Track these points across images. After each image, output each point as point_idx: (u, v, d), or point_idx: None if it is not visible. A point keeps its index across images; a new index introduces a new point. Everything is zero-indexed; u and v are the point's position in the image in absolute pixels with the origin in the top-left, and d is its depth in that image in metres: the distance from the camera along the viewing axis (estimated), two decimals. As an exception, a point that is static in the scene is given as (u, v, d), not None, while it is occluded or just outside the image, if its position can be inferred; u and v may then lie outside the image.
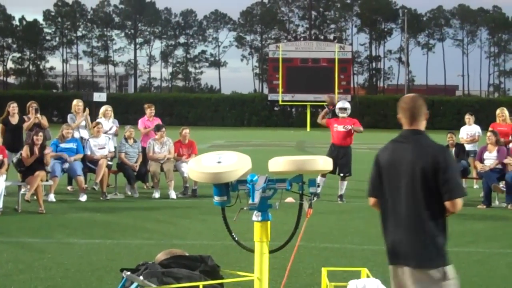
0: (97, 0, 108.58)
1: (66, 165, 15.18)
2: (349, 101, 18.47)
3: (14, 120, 15.79)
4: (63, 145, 15.42)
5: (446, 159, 4.75)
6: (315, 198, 5.60)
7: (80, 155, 15.47)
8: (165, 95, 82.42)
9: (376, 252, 9.88)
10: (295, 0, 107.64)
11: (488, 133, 15.58)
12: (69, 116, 17.23)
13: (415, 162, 4.74)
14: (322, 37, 76.85)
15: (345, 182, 15.46)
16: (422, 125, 4.98)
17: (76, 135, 16.36)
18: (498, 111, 17.33)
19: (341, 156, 15.27)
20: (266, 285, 5.70)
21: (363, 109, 72.65)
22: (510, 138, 16.47)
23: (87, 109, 17.24)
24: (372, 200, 5.11)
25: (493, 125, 17.24)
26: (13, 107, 15.86)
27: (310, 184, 5.68)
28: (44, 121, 16.16)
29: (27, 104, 16.32)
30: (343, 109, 15.94)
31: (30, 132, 15.69)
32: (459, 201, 4.67)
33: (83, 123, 17.00)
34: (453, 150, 15.72)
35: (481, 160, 15.31)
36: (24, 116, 16.00)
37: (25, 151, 14.21)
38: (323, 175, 15.05)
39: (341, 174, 15.35)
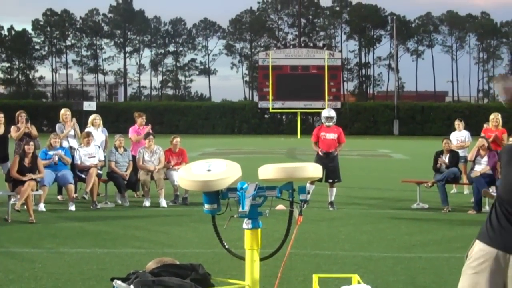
0: (86, 9, 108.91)
1: (58, 173, 15.16)
2: (334, 109, 18.51)
3: (0, 130, 15.70)
4: (51, 152, 15.40)
5: None
6: (305, 205, 5.60)
7: (68, 159, 15.48)
8: (155, 104, 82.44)
9: (367, 259, 9.89)
10: (284, 8, 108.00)
11: (480, 139, 15.60)
12: (57, 125, 17.18)
13: None
14: (311, 44, 76.78)
15: (334, 189, 15.45)
16: None
17: (65, 144, 16.32)
18: (492, 116, 17.34)
19: (330, 163, 15.29)
20: (257, 292, 5.69)
21: (353, 116, 72.85)
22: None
23: (74, 118, 17.21)
24: None
25: (484, 130, 17.28)
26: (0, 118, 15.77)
27: (300, 191, 5.69)
28: (34, 130, 16.11)
29: (16, 113, 16.23)
30: (329, 118, 15.99)
31: (20, 142, 15.64)
32: None
33: (72, 132, 16.96)
34: (447, 156, 15.73)
35: (474, 162, 15.37)
36: (13, 126, 15.91)
37: (15, 161, 14.15)
38: (312, 182, 15.06)
39: (330, 181, 15.35)
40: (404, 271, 9.09)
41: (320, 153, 15.60)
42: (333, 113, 16.23)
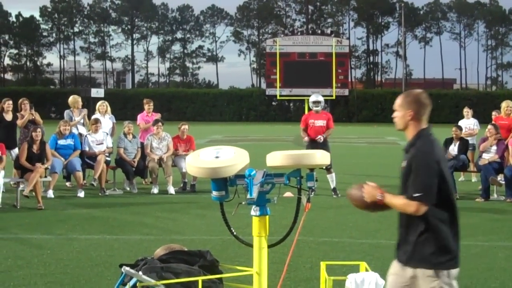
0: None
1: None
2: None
3: (9, 117, 15.74)
4: (61, 142, 15.41)
5: None
6: (312, 193, 5.61)
7: (77, 152, 15.47)
8: (163, 91, 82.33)
9: (374, 246, 9.91)
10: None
11: (489, 126, 15.54)
12: (66, 112, 17.24)
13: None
14: (319, 32, 76.41)
15: (333, 174, 15.37)
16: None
17: (74, 131, 16.35)
18: (504, 104, 17.13)
19: (321, 149, 15.17)
20: (265, 279, 5.71)
21: (360, 103, 72.74)
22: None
23: (85, 110, 17.28)
24: (426, 209, 4.55)
25: (496, 118, 17.18)
26: (8, 104, 15.81)
27: (308, 179, 5.69)
28: (37, 117, 16.17)
29: (19, 101, 16.20)
30: (317, 103, 15.88)
31: (24, 129, 15.70)
32: None
33: (79, 118, 17.02)
34: (457, 144, 15.68)
35: (481, 151, 15.33)
36: (17, 113, 15.93)
37: (23, 148, 14.19)
38: (329, 172, 15.09)
39: (324, 168, 15.22)
40: (412, 258, 9.09)
41: (305, 141, 15.51)
42: (320, 98, 16.10)
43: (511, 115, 16.81)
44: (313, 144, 15.28)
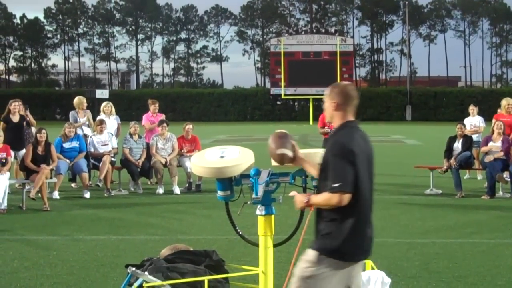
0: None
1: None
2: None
3: (16, 118, 15.79)
4: (66, 145, 15.41)
5: None
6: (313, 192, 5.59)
7: (82, 154, 15.47)
8: (167, 91, 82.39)
9: (380, 244, 9.89)
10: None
11: (498, 123, 15.53)
12: (70, 113, 17.28)
13: (371, 152, 4.83)
14: (323, 30, 76.76)
15: None
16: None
17: (79, 131, 16.38)
18: (504, 102, 17.21)
19: None
20: (271, 279, 5.71)
21: (365, 102, 72.60)
22: None
23: (87, 114, 17.29)
24: (349, 197, 4.52)
25: (496, 115, 17.19)
26: (14, 106, 15.86)
27: (313, 178, 5.69)
28: (31, 118, 16.25)
29: (12, 101, 16.13)
30: None
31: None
32: None
33: (85, 120, 17.06)
34: (461, 141, 15.66)
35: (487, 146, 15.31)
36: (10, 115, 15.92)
37: (28, 150, 14.22)
38: None
39: None
40: (418, 256, 9.10)
41: (328, 130, 15.52)
42: None
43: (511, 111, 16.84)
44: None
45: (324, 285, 4.55)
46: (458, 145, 15.63)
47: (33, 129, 16.19)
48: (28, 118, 16.16)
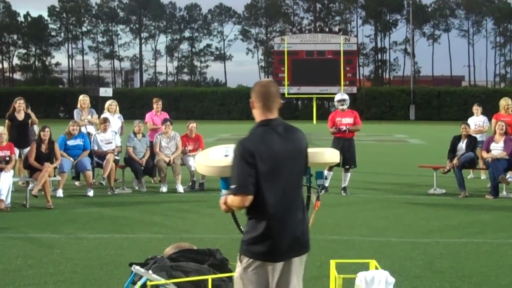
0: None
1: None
2: (350, 94, 18.44)
3: (20, 116, 15.81)
4: (70, 142, 15.41)
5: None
6: (322, 191, 5.59)
7: (86, 152, 15.46)
8: (171, 90, 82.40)
9: (384, 244, 9.90)
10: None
11: (500, 123, 15.51)
12: (75, 111, 17.29)
13: (299, 151, 4.67)
14: (327, 29, 76.50)
15: (349, 174, 15.39)
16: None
17: (83, 129, 16.38)
18: (503, 102, 17.24)
19: (347, 149, 15.16)
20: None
21: (369, 101, 72.63)
22: None
23: (92, 113, 17.29)
24: (250, 198, 4.45)
25: (496, 115, 17.18)
26: (19, 103, 15.88)
27: (318, 177, 5.68)
28: (33, 117, 16.28)
29: (17, 100, 16.14)
30: (342, 101, 15.85)
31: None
32: None
33: (89, 118, 17.07)
34: (465, 141, 15.63)
35: (487, 151, 15.27)
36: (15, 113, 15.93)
37: (32, 148, 14.22)
38: (330, 169, 15.07)
39: (346, 166, 15.26)
40: (421, 256, 9.10)
41: (337, 129, 15.43)
42: (345, 96, 16.17)
43: (510, 110, 16.84)
44: (339, 140, 15.31)
45: (246, 285, 4.54)
46: (462, 145, 15.60)
47: (35, 127, 16.20)
48: (31, 117, 16.17)
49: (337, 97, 16.18)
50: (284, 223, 4.53)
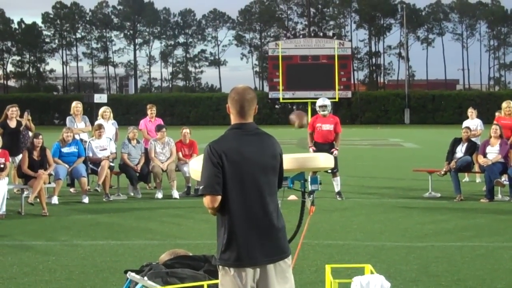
0: (96, 1, 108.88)
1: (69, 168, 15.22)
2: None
3: (12, 124, 15.75)
4: (64, 149, 15.38)
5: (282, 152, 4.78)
6: (311, 196, 5.57)
7: (81, 159, 15.44)
8: (166, 95, 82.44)
9: (379, 248, 9.90)
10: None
11: (495, 126, 15.53)
12: (68, 118, 17.23)
13: (271, 156, 4.66)
14: (321, 34, 76.86)
15: (338, 178, 15.24)
16: (252, 119, 4.81)
17: (77, 136, 16.34)
18: (504, 105, 17.19)
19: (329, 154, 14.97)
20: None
21: (363, 105, 72.73)
22: None
23: (85, 121, 17.24)
24: (218, 199, 4.52)
25: (497, 118, 17.18)
26: (12, 111, 15.82)
27: (312, 182, 5.68)
28: (31, 124, 16.26)
29: (9, 107, 16.08)
30: (323, 107, 15.68)
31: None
32: None
33: (83, 125, 17.02)
34: (465, 145, 15.63)
35: (484, 154, 15.27)
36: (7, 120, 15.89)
37: (24, 156, 14.17)
38: (314, 173, 14.99)
39: (329, 171, 14.91)
40: (417, 260, 9.10)
41: (311, 150, 15.27)
42: (327, 102, 15.97)
43: None
44: (320, 147, 15.14)
45: None
46: (461, 149, 15.58)
47: (30, 134, 16.16)
48: (27, 123, 16.12)
49: (319, 103, 16.03)
50: (250, 228, 4.49)
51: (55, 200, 14.70)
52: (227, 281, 4.49)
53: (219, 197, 4.48)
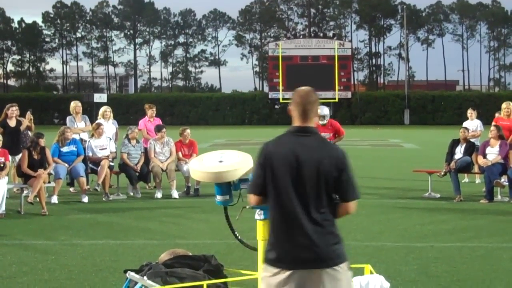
0: (96, 1, 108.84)
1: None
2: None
3: (12, 123, 15.74)
4: (64, 149, 15.37)
5: (347, 161, 4.58)
6: None
7: (80, 158, 15.44)
8: (165, 95, 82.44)
9: (379, 249, 9.90)
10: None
11: (492, 127, 15.55)
12: (68, 118, 17.24)
13: (323, 163, 4.47)
14: (321, 35, 76.85)
15: None
16: (314, 122, 4.65)
17: (77, 136, 16.33)
18: (504, 105, 17.21)
19: None
20: (269, 283, 5.70)
21: (363, 106, 72.68)
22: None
23: (85, 120, 17.25)
24: (256, 198, 4.59)
25: (496, 119, 17.19)
26: (11, 110, 15.81)
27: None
28: (32, 123, 16.29)
29: (9, 106, 16.07)
30: (322, 117, 15.53)
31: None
32: (355, 203, 4.62)
33: (83, 125, 17.03)
34: (464, 145, 15.64)
35: (484, 155, 15.27)
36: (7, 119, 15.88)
37: (23, 156, 14.16)
38: None
39: None
40: (416, 260, 9.10)
41: None
42: (325, 111, 15.55)
43: (511, 115, 16.81)
44: None
45: None
46: (460, 149, 15.59)
47: (30, 133, 16.15)
48: (28, 122, 16.13)
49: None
50: (291, 231, 4.44)
51: (54, 199, 14.70)
52: (268, 279, 4.48)
53: (258, 198, 4.55)
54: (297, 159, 4.43)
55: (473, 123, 18.42)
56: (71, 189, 16.50)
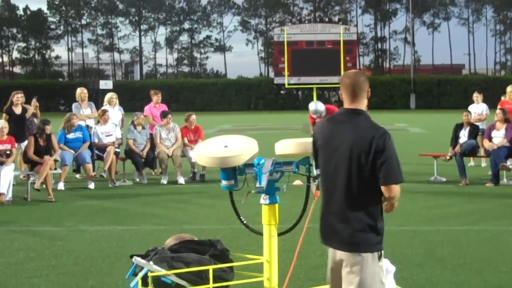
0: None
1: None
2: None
3: (18, 110, 15.78)
4: (70, 135, 15.40)
5: (385, 142, 4.54)
6: (316, 181, 5.55)
7: (86, 144, 15.47)
8: (171, 81, 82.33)
9: (385, 232, 9.89)
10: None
11: (497, 111, 15.53)
12: (74, 105, 17.27)
13: (352, 144, 4.49)
14: (327, 19, 76.39)
15: None
16: (363, 104, 4.69)
17: (83, 122, 16.37)
18: (509, 89, 17.18)
19: None
20: (275, 267, 5.72)
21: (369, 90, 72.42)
22: None
23: (91, 107, 17.27)
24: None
25: (502, 102, 17.16)
26: (17, 97, 15.84)
27: (317, 166, 5.68)
28: (38, 110, 16.34)
29: (14, 93, 16.09)
30: (319, 116, 15.00)
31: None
32: (395, 187, 4.58)
33: (89, 111, 17.06)
34: (468, 129, 15.63)
35: (489, 138, 15.26)
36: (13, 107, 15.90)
37: (30, 142, 14.19)
38: None
39: None
40: (422, 244, 9.11)
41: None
42: (320, 107, 14.84)
43: None
44: None
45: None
46: (464, 133, 15.59)
47: (35, 120, 16.18)
48: (34, 109, 16.16)
49: (311, 107, 15.08)
50: (327, 209, 4.66)
51: (61, 186, 14.75)
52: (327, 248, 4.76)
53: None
54: (335, 141, 4.58)
55: (479, 107, 18.39)
56: (78, 175, 16.55)
